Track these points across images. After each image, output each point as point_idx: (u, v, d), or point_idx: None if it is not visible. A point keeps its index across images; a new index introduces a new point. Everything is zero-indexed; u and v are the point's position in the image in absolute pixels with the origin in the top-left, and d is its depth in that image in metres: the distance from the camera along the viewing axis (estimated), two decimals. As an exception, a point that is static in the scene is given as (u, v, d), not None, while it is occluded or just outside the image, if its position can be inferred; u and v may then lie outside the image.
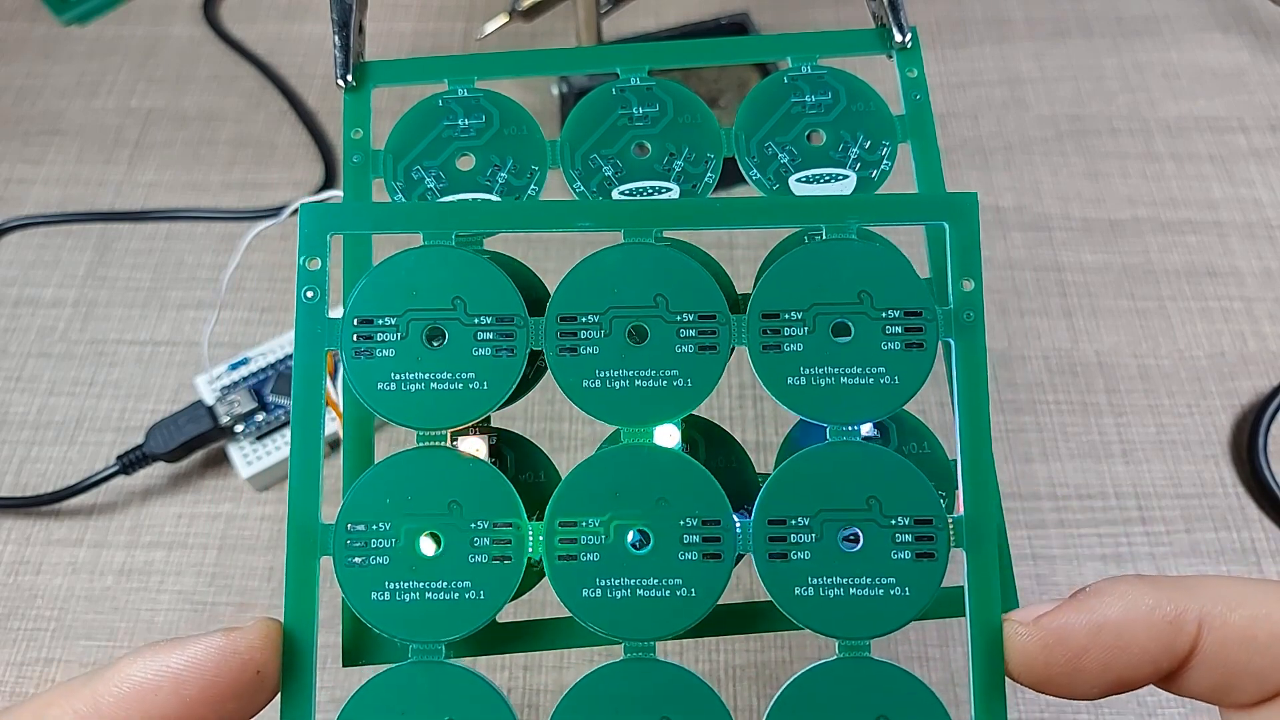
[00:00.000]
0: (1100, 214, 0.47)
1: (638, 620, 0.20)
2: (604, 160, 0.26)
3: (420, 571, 0.20)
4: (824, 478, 0.21)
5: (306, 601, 0.20)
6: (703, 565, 0.20)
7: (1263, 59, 0.53)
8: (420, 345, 0.21)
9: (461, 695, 0.20)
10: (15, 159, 0.50)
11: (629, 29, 0.53)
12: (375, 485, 0.21)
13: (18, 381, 0.43)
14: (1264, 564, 0.38)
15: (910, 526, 0.20)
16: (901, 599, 0.20)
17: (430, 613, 0.20)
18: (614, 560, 0.20)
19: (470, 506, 0.21)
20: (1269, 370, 0.42)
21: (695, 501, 0.21)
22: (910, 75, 0.27)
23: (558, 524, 0.21)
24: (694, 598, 0.20)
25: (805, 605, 0.20)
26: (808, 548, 0.20)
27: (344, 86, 0.27)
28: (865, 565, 0.20)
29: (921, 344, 0.21)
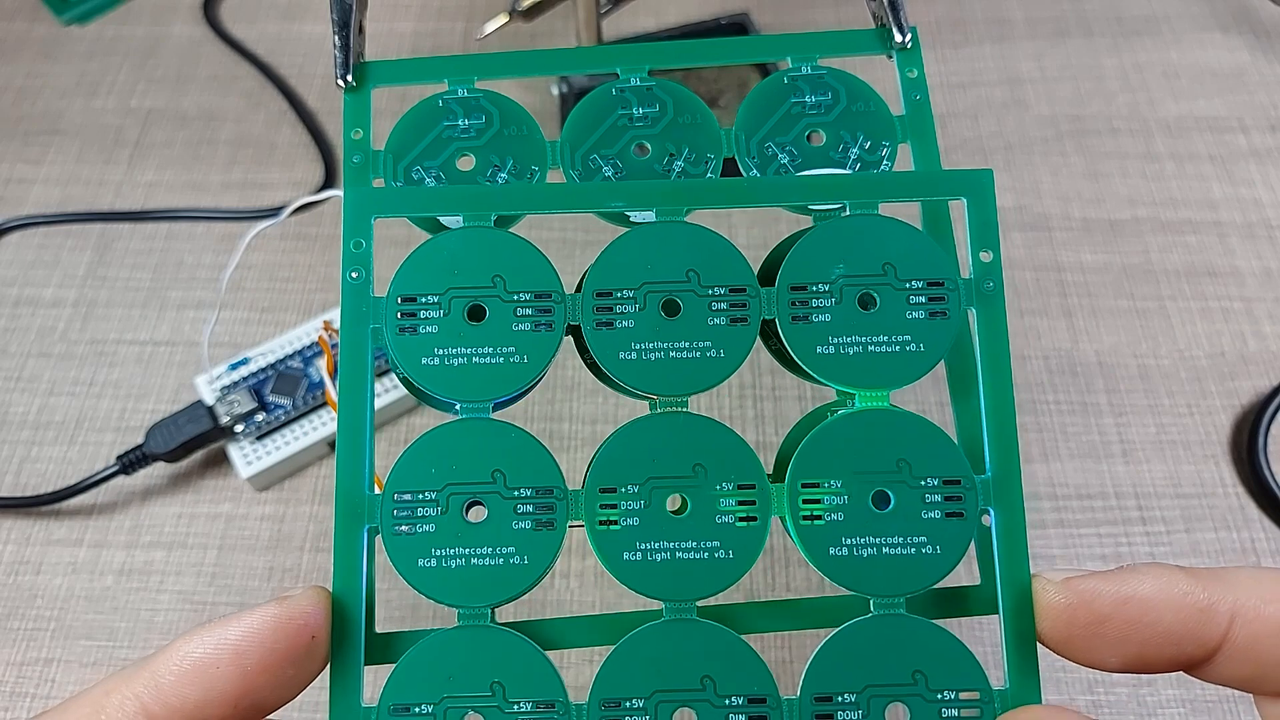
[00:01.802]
0: (1100, 214, 0.47)
1: (678, 582, 0.21)
2: (604, 160, 0.26)
3: (466, 538, 0.21)
4: (854, 442, 0.22)
5: (353, 571, 0.21)
6: (739, 528, 0.21)
7: (1263, 59, 0.53)
8: (462, 321, 0.22)
9: (508, 658, 0.21)
10: (15, 159, 0.50)
11: (629, 29, 0.53)
12: (421, 456, 0.22)
13: (18, 381, 0.43)
14: (1264, 564, 0.38)
15: (939, 487, 0.21)
16: (933, 557, 0.21)
17: (476, 578, 0.21)
18: (653, 524, 0.21)
19: (513, 475, 0.21)
20: (1269, 370, 0.42)
21: (731, 467, 0.21)
22: (910, 75, 0.27)
23: (598, 490, 0.21)
24: (731, 560, 0.21)
25: (839, 565, 0.21)
26: (841, 509, 0.21)
27: (344, 86, 0.27)
28: (897, 525, 0.21)
29: (945, 312, 0.22)
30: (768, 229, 0.46)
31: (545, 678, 0.21)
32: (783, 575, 0.37)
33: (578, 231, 0.46)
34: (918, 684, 0.20)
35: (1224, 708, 0.35)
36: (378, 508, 0.21)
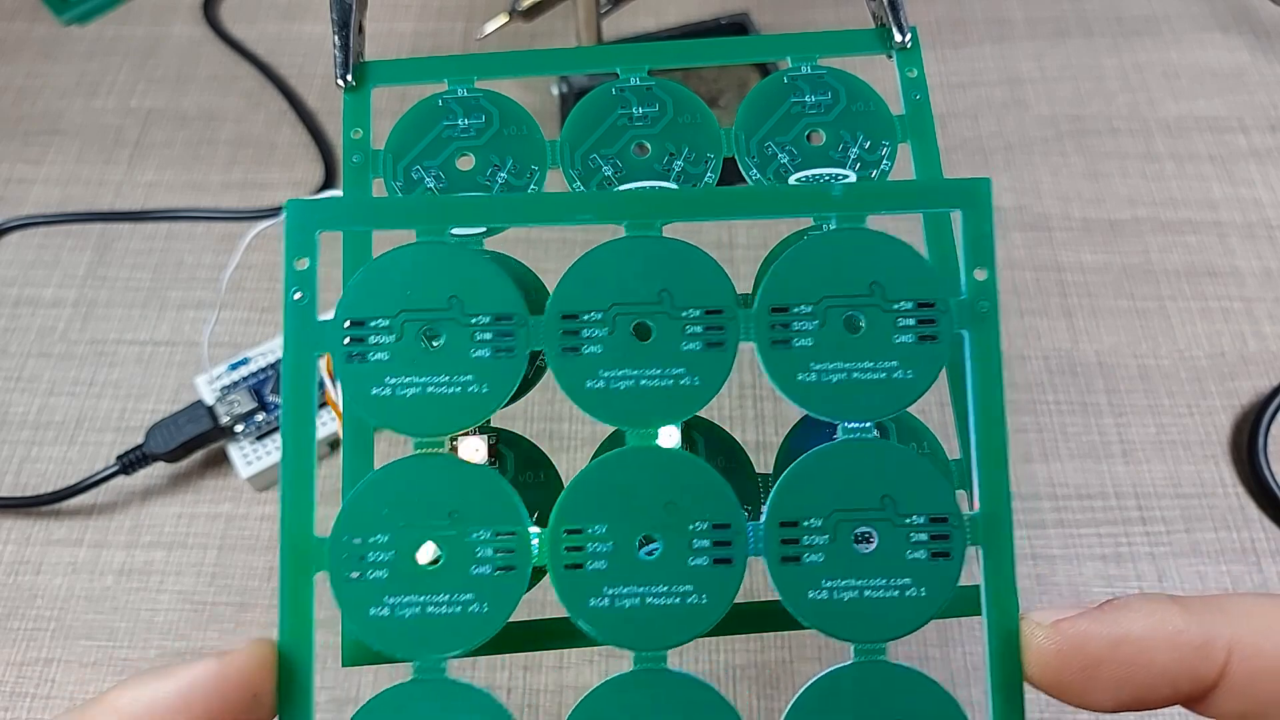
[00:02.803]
0: (1100, 214, 0.47)
1: (648, 629, 0.20)
2: (604, 160, 0.26)
3: (421, 585, 0.20)
4: (836, 477, 0.20)
5: (302, 621, 0.20)
6: (714, 570, 0.20)
7: (1263, 59, 0.53)
8: (416, 347, 0.20)
9: (466, 713, 0.19)
10: (15, 159, 0.50)
11: (629, 29, 0.53)
12: (372, 495, 0.20)
13: (18, 381, 0.43)
14: (1264, 564, 0.38)
15: (925, 525, 0.20)
16: (918, 599, 0.20)
17: (432, 627, 0.19)
18: (622, 567, 0.20)
19: (471, 515, 0.20)
20: (1269, 370, 0.42)
21: (705, 505, 0.20)
22: (910, 75, 0.27)
23: (563, 532, 0.20)
24: (705, 604, 0.20)
25: (819, 609, 0.20)
26: (821, 550, 0.20)
27: (344, 86, 0.27)
28: (880, 566, 0.20)
29: (935, 336, 0.21)
30: (767, 229, 0.46)
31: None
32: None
33: (578, 231, 0.46)
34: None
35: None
36: (325, 552, 0.20)
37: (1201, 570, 0.38)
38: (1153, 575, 0.38)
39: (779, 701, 0.35)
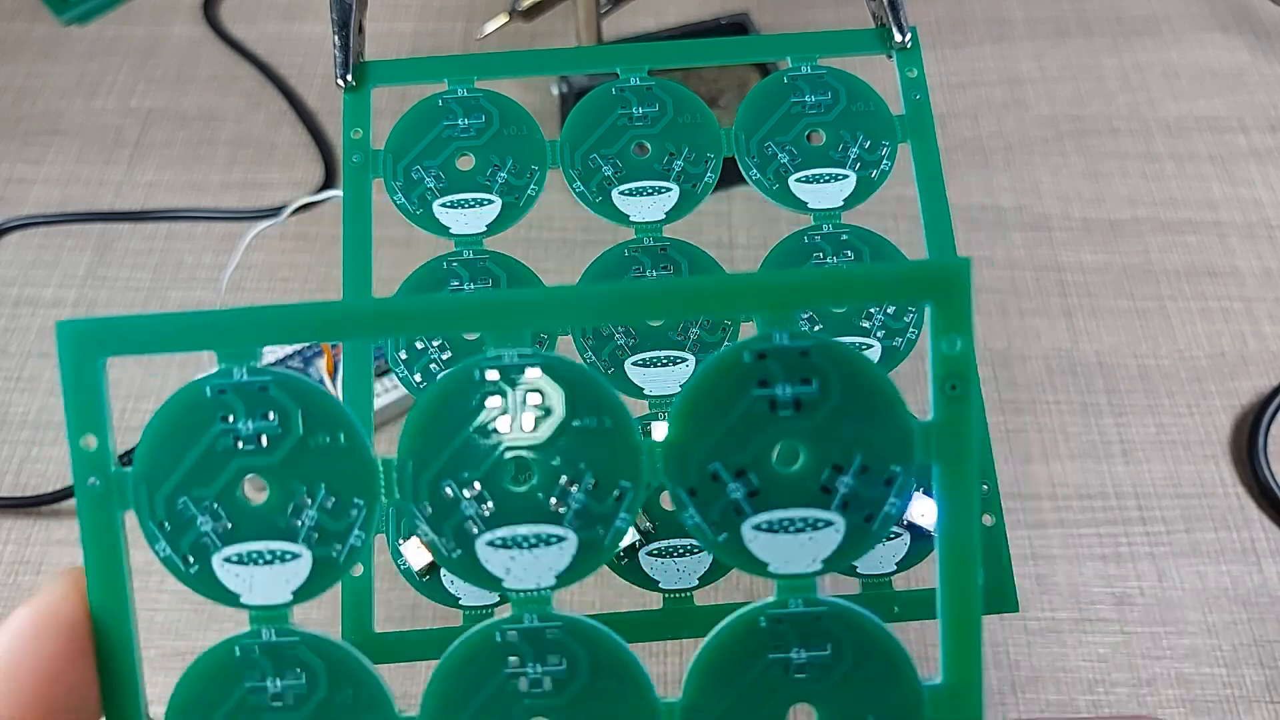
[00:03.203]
0: (1100, 214, 0.47)
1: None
2: (604, 160, 0.26)
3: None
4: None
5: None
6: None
7: (1263, 59, 0.53)
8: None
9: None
10: (15, 159, 0.50)
11: (629, 29, 0.53)
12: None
13: (18, 381, 0.43)
14: (1264, 564, 0.38)
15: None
16: None
17: None
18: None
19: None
20: (1269, 370, 0.42)
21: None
22: (910, 75, 0.27)
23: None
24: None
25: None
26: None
27: (344, 86, 0.27)
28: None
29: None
30: (767, 229, 0.46)
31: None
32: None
33: (578, 231, 0.46)
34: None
35: (1223, 708, 0.35)
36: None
37: (1201, 570, 0.38)
38: (1153, 575, 0.38)
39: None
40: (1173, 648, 0.36)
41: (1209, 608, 0.37)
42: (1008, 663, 0.36)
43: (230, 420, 0.17)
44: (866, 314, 0.25)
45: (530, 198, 0.26)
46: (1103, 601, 0.37)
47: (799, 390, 0.17)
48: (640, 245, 0.26)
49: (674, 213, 0.26)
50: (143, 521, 0.17)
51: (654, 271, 0.25)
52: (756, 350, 0.17)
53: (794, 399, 0.17)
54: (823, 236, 0.26)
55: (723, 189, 0.47)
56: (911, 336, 0.25)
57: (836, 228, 0.26)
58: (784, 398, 0.17)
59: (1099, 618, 0.37)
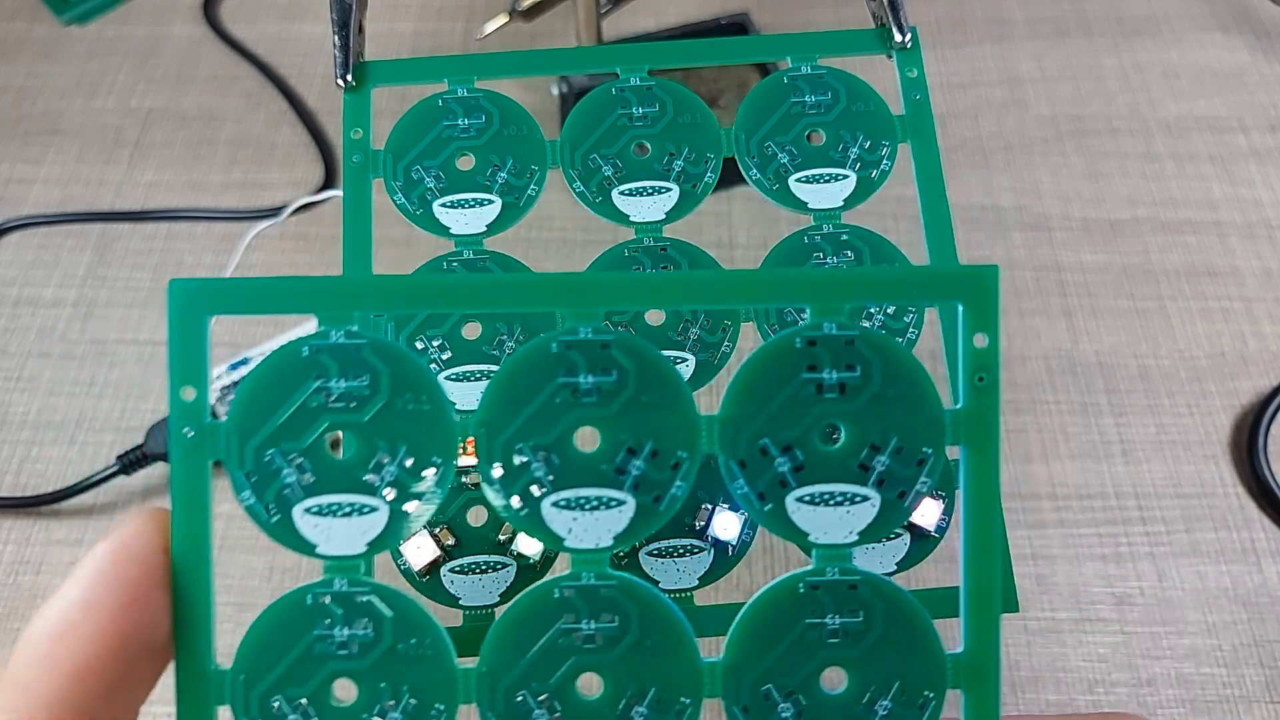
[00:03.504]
0: (1100, 214, 0.47)
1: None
2: (604, 160, 0.26)
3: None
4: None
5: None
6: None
7: (1263, 59, 0.53)
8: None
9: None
10: (15, 159, 0.50)
11: (629, 29, 0.53)
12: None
13: (18, 381, 0.43)
14: (1264, 564, 0.38)
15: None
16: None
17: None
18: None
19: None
20: (1269, 370, 0.42)
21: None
22: (910, 75, 0.27)
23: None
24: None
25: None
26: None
27: (344, 86, 0.27)
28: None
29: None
30: (767, 229, 0.46)
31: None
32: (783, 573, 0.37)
33: (578, 231, 0.46)
34: None
35: (1223, 708, 0.35)
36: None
37: (1201, 570, 0.38)
38: (1153, 575, 0.38)
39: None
40: (1173, 648, 0.36)
41: (1209, 608, 0.37)
42: (1008, 663, 0.36)
43: (323, 379, 0.18)
44: (867, 314, 0.25)
45: (530, 198, 0.26)
46: (1103, 601, 0.37)
47: (844, 375, 0.18)
48: (640, 245, 0.26)
49: (674, 213, 0.26)
50: (231, 471, 0.18)
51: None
52: (807, 337, 0.18)
53: (839, 383, 0.18)
54: (823, 236, 0.25)
55: (723, 189, 0.47)
56: (911, 336, 0.25)
57: (836, 228, 0.26)
58: (830, 381, 0.18)
59: (1099, 618, 0.37)
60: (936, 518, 0.23)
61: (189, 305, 0.18)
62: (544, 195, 0.26)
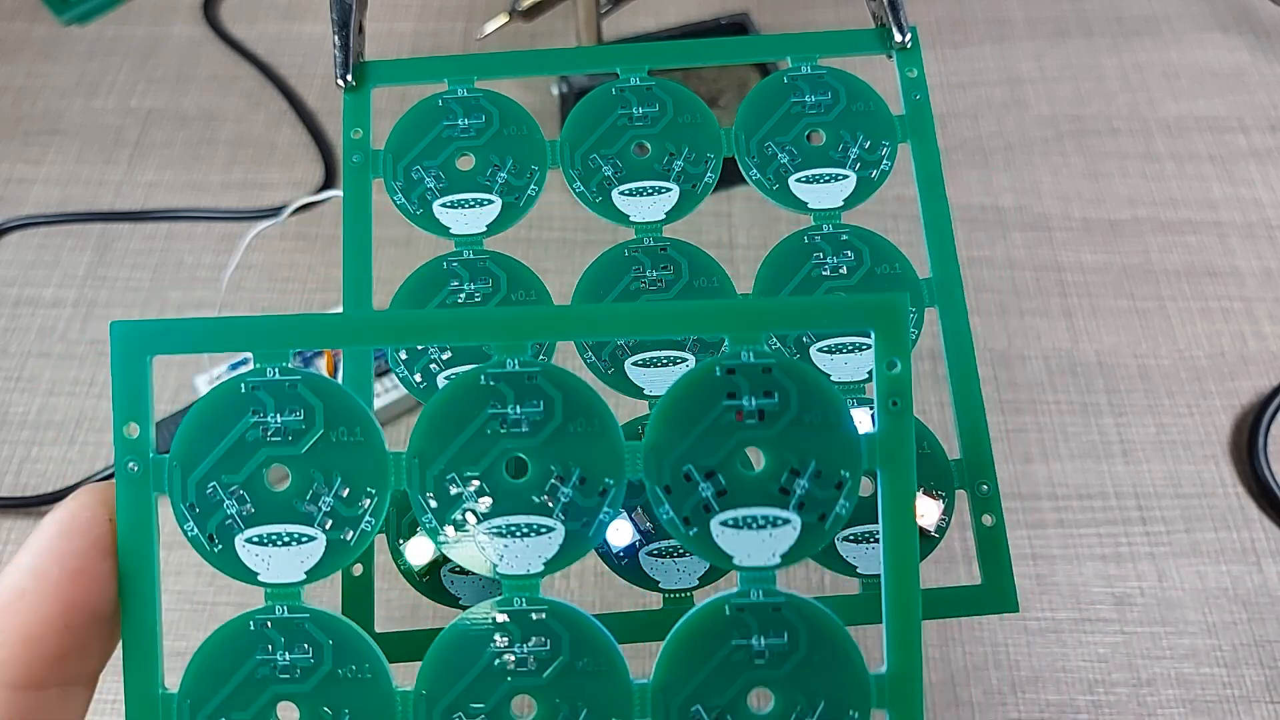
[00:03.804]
0: (1100, 214, 0.47)
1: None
2: (604, 160, 0.26)
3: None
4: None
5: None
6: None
7: (1263, 59, 0.53)
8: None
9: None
10: (15, 159, 0.50)
11: (629, 29, 0.53)
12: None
13: (18, 381, 0.43)
14: (1264, 564, 0.38)
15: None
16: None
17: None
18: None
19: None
20: (1269, 370, 0.42)
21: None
22: (910, 75, 0.27)
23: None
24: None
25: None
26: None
27: (344, 86, 0.27)
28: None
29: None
30: (767, 229, 0.46)
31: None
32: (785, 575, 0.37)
33: (578, 231, 0.46)
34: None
35: (1223, 708, 0.35)
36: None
37: (1201, 570, 0.38)
38: (1153, 575, 0.38)
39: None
40: (1173, 648, 0.36)
41: (1209, 608, 0.37)
42: (1008, 663, 0.36)
43: (260, 414, 0.19)
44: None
45: (530, 198, 0.26)
46: (1103, 601, 0.37)
47: (762, 402, 0.19)
48: (640, 245, 0.26)
49: (674, 213, 0.26)
50: (175, 504, 0.19)
51: (654, 271, 0.25)
52: (726, 365, 0.19)
53: (758, 409, 0.19)
54: (823, 237, 0.25)
55: (723, 189, 0.47)
56: (912, 337, 0.25)
57: (836, 228, 0.26)
58: (749, 408, 0.19)
59: (1099, 618, 0.37)
60: (936, 518, 0.23)
61: (131, 345, 0.19)
62: (544, 195, 0.26)
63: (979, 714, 0.35)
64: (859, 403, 0.24)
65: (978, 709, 0.35)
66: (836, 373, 0.24)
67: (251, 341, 0.19)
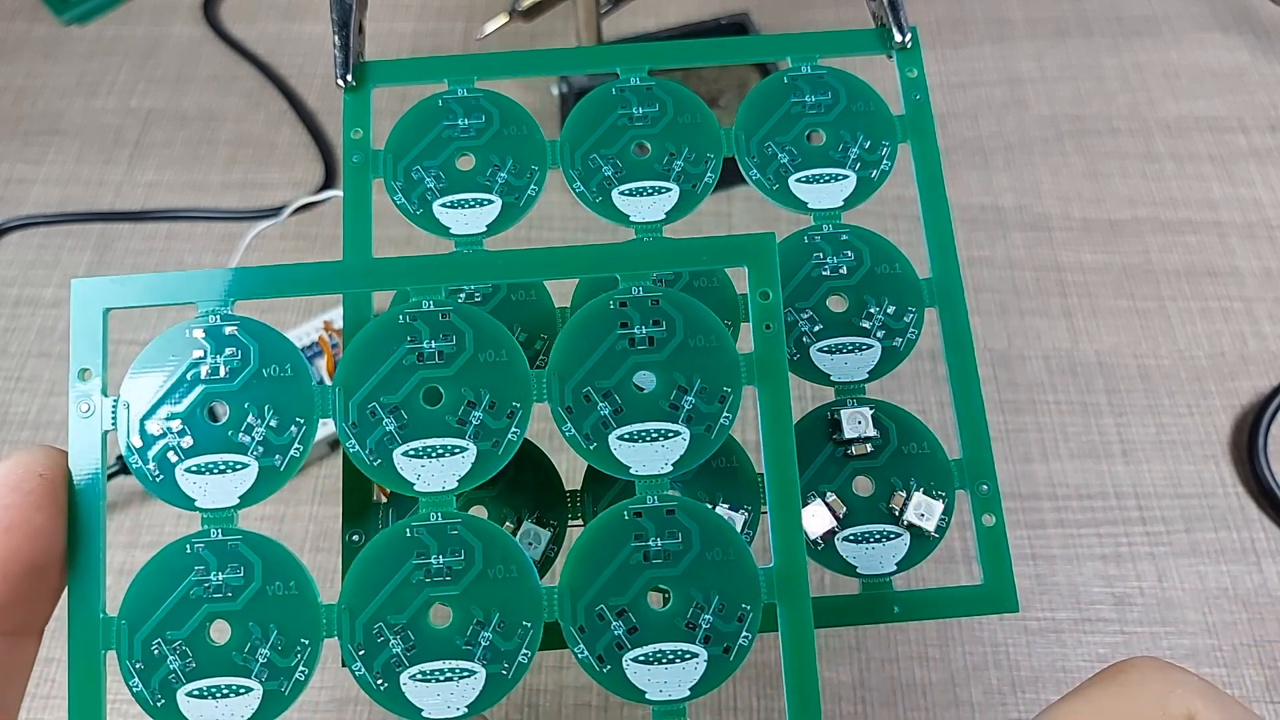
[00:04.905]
0: (1100, 214, 0.47)
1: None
2: (604, 160, 0.26)
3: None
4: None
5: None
6: None
7: (1263, 59, 0.53)
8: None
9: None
10: (15, 159, 0.50)
11: (629, 29, 0.53)
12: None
13: (18, 381, 0.43)
14: (1264, 564, 0.38)
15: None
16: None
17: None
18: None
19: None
20: (1269, 370, 0.42)
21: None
22: (910, 75, 0.27)
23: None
24: None
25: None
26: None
27: (344, 86, 0.27)
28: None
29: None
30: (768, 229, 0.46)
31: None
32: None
33: (578, 231, 0.46)
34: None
35: (1224, 708, 0.35)
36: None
37: (1201, 570, 0.38)
38: (1153, 575, 0.38)
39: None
40: (1173, 648, 0.36)
41: (1209, 608, 0.37)
42: (1008, 663, 0.36)
43: (201, 359, 0.21)
44: (867, 314, 0.25)
45: (530, 198, 0.26)
46: (1103, 601, 0.37)
47: (652, 330, 0.22)
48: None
49: (674, 213, 0.26)
50: (124, 441, 0.21)
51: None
52: (619, 299, 0.22)
53: (648, 337, 0.22)
54: (823, 237, 0.26)
55: (723, 189, 0.47)
56: (912, 336, 0.25)
57: (836, 228, 0.26)
58: (640, 335, 0.22)
59: (1099, 618, 0.37)
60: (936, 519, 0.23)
61: (89, 300, 0.21)
62: (544, 195, 0.26)
63: (979, 714, 0.35)
64: (858, 403, 0.24)
65: (978, 709, 0.35)
66: (836, 373, 0.25)
67: (196, 292, 0.21)
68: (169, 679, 0.20)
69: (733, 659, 0.20)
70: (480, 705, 0.20)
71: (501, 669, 0.20)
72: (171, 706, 0.20)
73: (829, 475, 0.24)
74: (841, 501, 0.24)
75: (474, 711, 0.20)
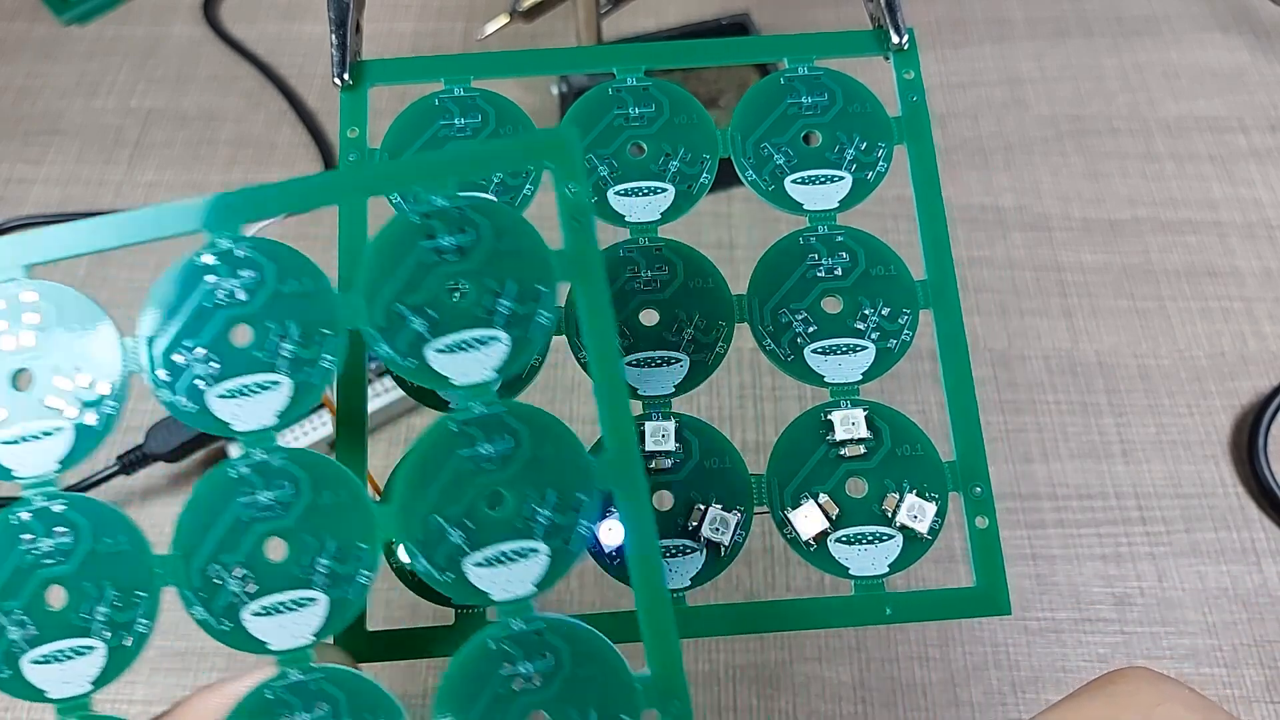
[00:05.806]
0: (1100, 214, 0.47)
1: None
2: (600, 160, 0.26)
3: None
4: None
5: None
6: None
7: (1263, 59, 0.52)
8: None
9: None
10: (15, 159, 0.50)
11: (629, 29, 0.53)
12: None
13: (18, 381, 0.43)
14: (1264, 564, 0.38)
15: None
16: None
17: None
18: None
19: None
20: (1269, 370, 0.42)
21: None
22: (907, 77, 0.27)
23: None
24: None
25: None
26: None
27: (340, 85, 0.27)
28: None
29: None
30: (767, 230, 0.46)
31: None
32: (782, 575, 0.37)
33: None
34: None
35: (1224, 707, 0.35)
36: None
37: (1201, 570, 0.38)
38: (1153, 575, 0.38)
39: (779, 701, 0.35)
40: (1173, 648, 0.36)
41: (1209, 608, 0.37)
42: (1008, 663, 0.36)
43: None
44: (861, 315, 0.25)
45: (526, 197, 0.26)
46: (1103, 601, 0.37)
47: (459, 239, 0.21)
48: (635, 245, 0.26)
49: (669, 213, 0.26)
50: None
51: (649, 271, 0.25)
52: (422, 212, 0.21)
53: (457, 246, 0.21)
54: (818, 238, 0.25)
55: (723, 190, 0.47)
56: (906, 338, 0.25)
57: (832, 229, 0.26)
58: (448, 245, 0.21)
59: (1099, 618, 0.37)
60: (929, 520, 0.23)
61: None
62: (539, 195, 0.26)
63: (979, 714, 0.35)
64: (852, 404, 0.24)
65: (978, 709, 0.35)
66: (830, 374, 0.24)
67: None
68: (11, 650, 0.20)
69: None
70: (326, 631, 0.20)
71: (344, 593, 0.20)
72: (18, 677, 0.20)
73: (822, 476, 0.24)
74: (834, 503, 0.24)
75: (320, 638, 0.20)
